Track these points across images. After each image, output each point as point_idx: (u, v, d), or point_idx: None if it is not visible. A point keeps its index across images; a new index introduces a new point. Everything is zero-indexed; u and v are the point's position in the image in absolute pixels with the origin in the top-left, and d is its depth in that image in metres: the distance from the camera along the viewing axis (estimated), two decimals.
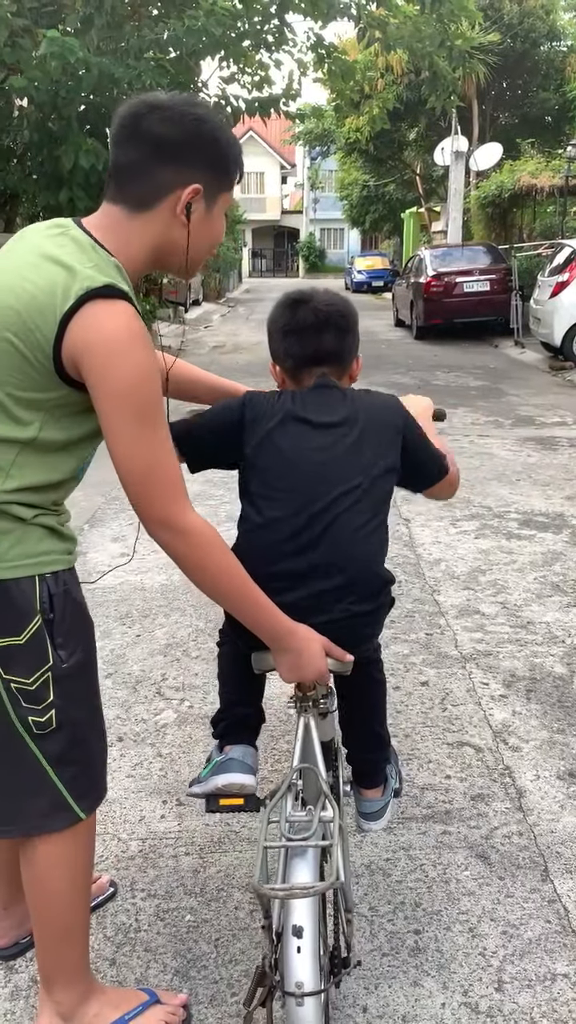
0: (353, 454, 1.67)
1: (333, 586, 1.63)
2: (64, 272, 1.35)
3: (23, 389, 1.38)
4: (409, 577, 4.12)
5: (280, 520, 1.65)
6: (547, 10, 21.48)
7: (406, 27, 11.93)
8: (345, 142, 25.59)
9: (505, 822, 2.35)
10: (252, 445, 1.69)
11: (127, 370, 1.34)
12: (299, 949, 1.35)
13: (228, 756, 1.78)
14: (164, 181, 1.43)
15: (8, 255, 1.44)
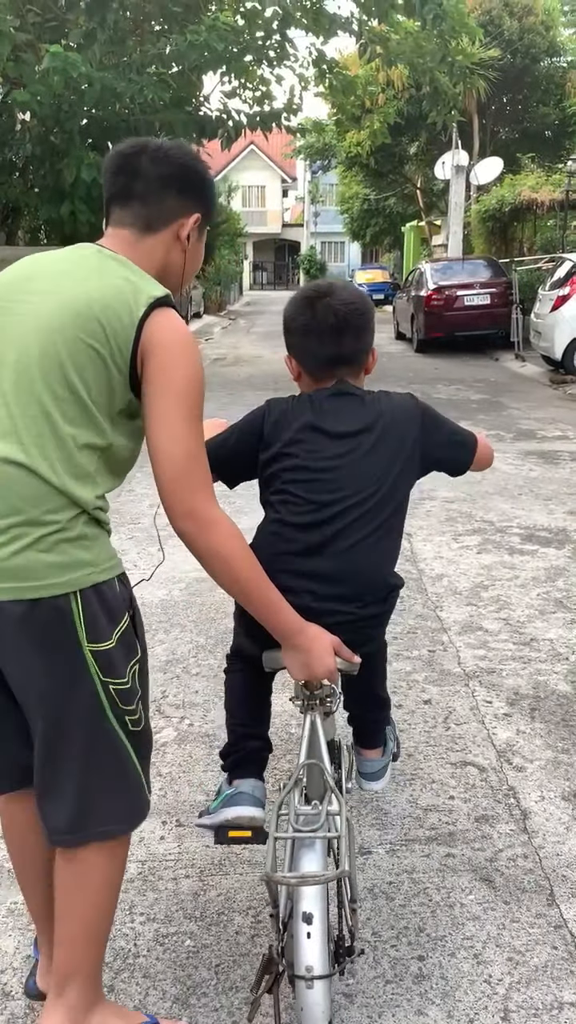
0: (368, 463, 1.75)
1: (340, 592, 1.72)
2: (128, 284, 1.50)
3: (102, 395, 1.47)
4: (411, 593, 4.09)
5: (293, 526, 1.74)
6: (547, 26, 21.60)
7: (407, 43, 12.01)
8: (346, 156, 25.69)
9: (510, 844, 2.32)
10: (272, 452, 1.78)
11: (188, 371, 1.50)
12: (309, 935, 1.43)
13: (238, 790, 1.85)
14: (170, 209, 1.62)
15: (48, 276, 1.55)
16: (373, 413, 1.80)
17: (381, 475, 1.75)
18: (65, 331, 1.45)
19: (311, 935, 1.43)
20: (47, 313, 1.47)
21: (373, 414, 1.80)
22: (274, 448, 1.79)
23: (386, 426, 1.79)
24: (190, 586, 4.17)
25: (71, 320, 1.45)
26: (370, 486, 1.74)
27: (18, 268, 1.60)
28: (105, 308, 1.46)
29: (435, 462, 1.92)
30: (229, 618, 3.76)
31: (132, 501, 5.67)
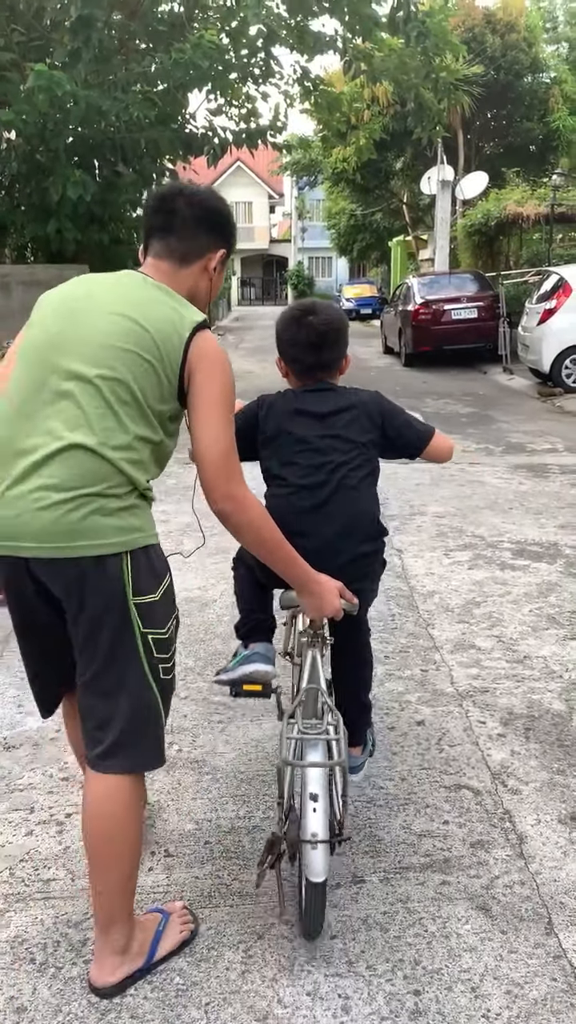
0: (348, 432, 2.26)
1: (341, 528, 2.18)
2: (173, 311, 1.84)
3: (156, 401, 1.80)
4: (403, 610, 4.05)
5: (301, 486, 2.20)
6: (529, 43, 21.80)
7: (391, 60, 12.08)
8: (332, 172, 25.81)
9: (506, 870, 2.27)
10: (269, 434, 2.27)
11: (225, 379, 1.85)
12: (315, 809, 1.87)
13: (253, 651, 2.32)
14: (201, 246, 1.97)
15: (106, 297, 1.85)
16: (349, 400, 2.32)
17: (358, 442, 2.26)
18: (128, 348, 1.77)
19: (316, 810, 1.87)
20: (111, 331, 1.78)
21: (349, 400, 2.32)
22: (270, 431, 2.28)
23: (359, 408, 2.31)
24: (179, 606, 4.10)
25: (133, 340, 1.77)
26: (352, 450, 2.25)
27: (74, 286, 1.92)
28: (159, 331, 1.79)
29: (393, 441, 2.36)
30: (218, 639, 3.74)
31: None
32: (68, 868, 2.30)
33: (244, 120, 12.75)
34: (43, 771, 2.76)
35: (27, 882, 2.25)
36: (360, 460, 2.26)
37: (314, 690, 2.07)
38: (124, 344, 1.77)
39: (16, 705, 3.19)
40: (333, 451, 2.23)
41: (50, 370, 1.77)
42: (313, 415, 2.27)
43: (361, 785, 2.64)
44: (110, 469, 1.74)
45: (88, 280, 1.93)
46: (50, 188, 10.30)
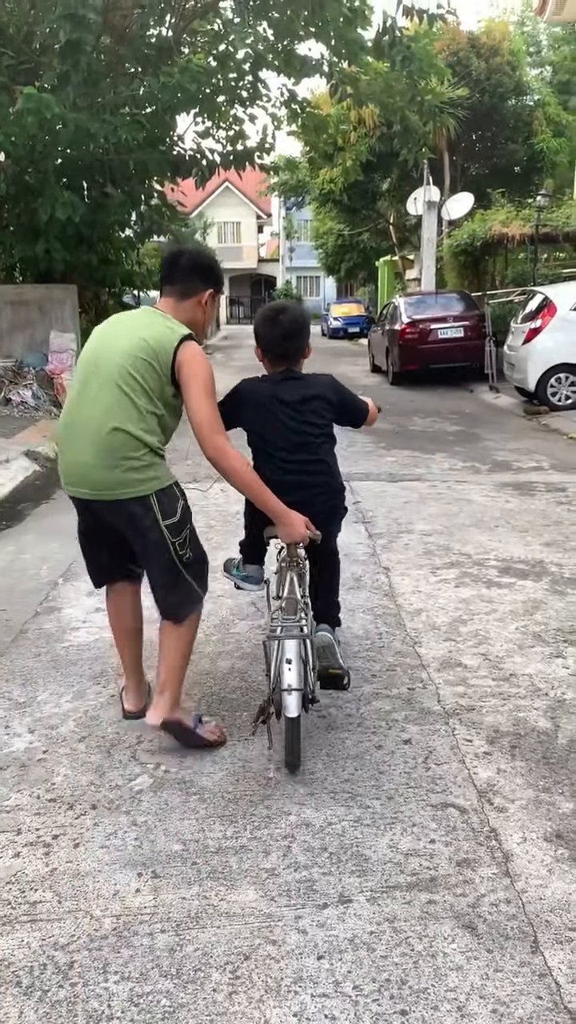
0: (312, 415, 3.10)
1: (315, 489, 3.07)
2: (168, 329, 2.79)
3: (155, 385, 2.74)
4: (390, 629, 4.06)
5: (277, 456, 3.05)
6: (513, 66, 22.14)
7: (377, 83, 12.23)
8: (319, 192, 26.06)
9: (492, 889, 2.28)
10: (253, 414, 3.09)
11: (203, 371, 2.77)
12: (290, 669, 2.65)
13: (247, 573, 3.57)
14: (197, 287, 2.93)
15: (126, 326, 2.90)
16: (313, 387, 3.15)
17: (322, 421, 3.13)
18: (135, 356, 2.73)
19: (291, 669, 2.66)
20: (126, 347, 2.76)
21: (313, 388, 3.15)
22: (252, 410, 3.09)
23: (321, 393, 3.14)
24: None
25: (139, 349, 2.73)
26: (321, 430, 3.12)
27: (110, 323, 2.97)
28: (157, 341, 2.75)
29: (345, 416, 3.29)
30: (206, 659, 3.75)
31: None
32: (55, 890, 2.29)
33: (232, 142, 12.89)
34: (30, 792, 2.76)
35: (13, 904, 2.24)
36: (323, 436, 3.14)
37: (292, 599, 2.87)
38: (135, 352, 2.74)
39: (3, 726, 3.19)
40: (305, 433, 3.08)
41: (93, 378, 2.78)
42: (286, 403, 3.08)
43: (348, 804, 2.65)
44: (133, 440, 2.71)
45: (117, 319, 3.00)
46: (39, 209, 10.36)
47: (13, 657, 3.81)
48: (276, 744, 2.86)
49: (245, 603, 4.40)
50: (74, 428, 2.79)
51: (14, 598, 4.58)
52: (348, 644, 3.87)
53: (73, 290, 11.91)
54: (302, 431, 3.06)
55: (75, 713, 3.28)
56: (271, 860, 2.40)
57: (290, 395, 3.07)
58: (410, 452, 8.83)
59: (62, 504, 6.68)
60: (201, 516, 5.86)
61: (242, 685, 3.49)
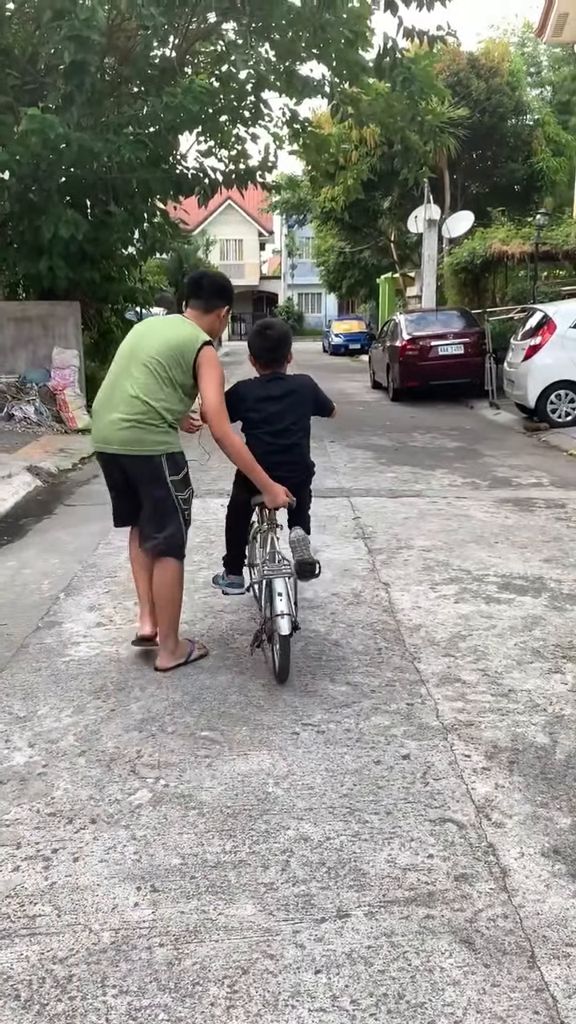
0: (294, 408, 3.89)
1: (292, 466, 3.89)
2: (193, 334, 3.60)
3: (179, 376, 3.56)
4: (389, 644, 4.08)
5: (268, 442, 3.81)
6: (513, 87, 22.35)
7: (378, 104, 12.35)
8: (321, 211, 26.23)
9: (490, 904, 2.28)
10: (248, 408, 3.85)
11: (216, 370, 3.57)
12: (280, 598, 3.45)
13: (231, 580, 4.25)
14: (216, 304, 3.78)
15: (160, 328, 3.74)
16: (294, 385, 3.95)
17: (301, 414, 3.94)
18: (165, 351, 3.56)
19: (281, 598, 3.47)
20: (158, 344, 3.59)
21: (294, 386, 3.95)
22: (248, 404, 3.85)
23: (300, 391, 3.96)
24: None
25: (169, 347, 3.56)
26: (299, 420, 3.92)
27: (145, 324, 3.84)
28: (184, 341, 3.58)
29: (317, 408, 4.06)
30: (206, 673, 3.77)
31: (109, 555, 5.64)
32: (54, 904, 2.30)
33: (234, 161, 13.00)
34: (30, 806, 2.77)
35: (12, 918, 2.25)
36: (301, 425, 3.94)
37: (275, 551, 3.74)
38: (165, 348, 3.58)
39: (3, 740, 3.20)
40: (283, 417, 3.87)
41: (129, 362, 3.63)
42: (274, 398, 3.88)
43: (347, 819, 2.66)
44: (153, 410, 3.54)
45: (151, 321, 3.94)
46: (42, 227, 10.45)
47: (14, 671, 3.83)
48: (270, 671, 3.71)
49: (245, 618, 4.42)
50: (111, 395, 3.65)
51: (15, 612, 4.60)
52: (347, 659, 3.89)
53: (76, 307, 11.99)
54: (283, 421, 3.86)
55: (75, 727, 3.30)
56: (269, 874, 2.41)
57: (276, 392, 3.90)
58: (410, 468, 8.87)
59: (64, 519, 6.71)
60: (202, 531, 5.89)
61: (242, 699, 3.50)
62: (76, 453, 9.68)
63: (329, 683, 3.65)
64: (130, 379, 3.57)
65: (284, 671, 3.59)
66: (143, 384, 3.53)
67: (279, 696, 3.53)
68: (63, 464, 9.02)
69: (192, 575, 4.88)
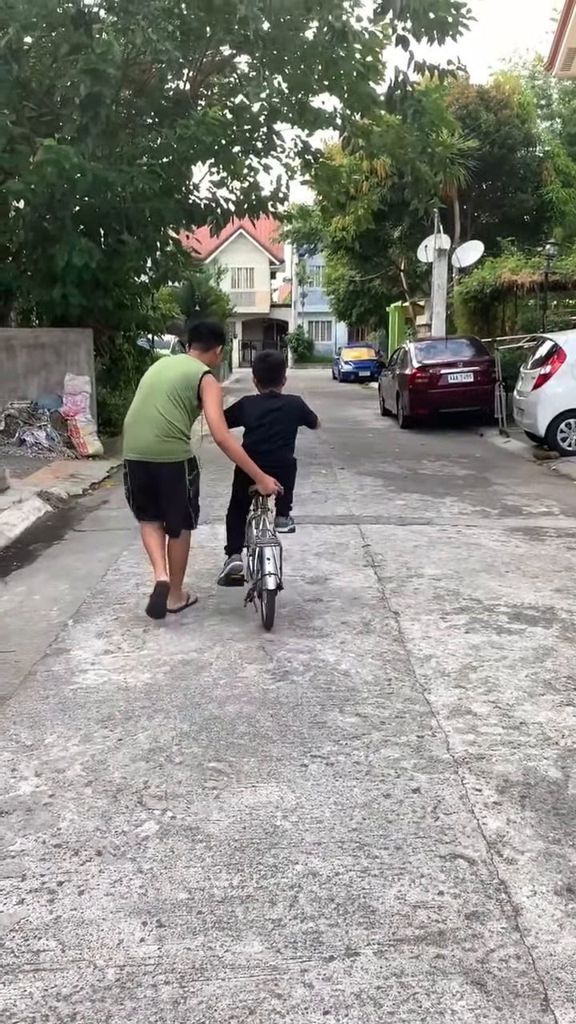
0: (284, 419, 4.91)
1: (280, 462, 4.87)
2: (197, 367, 4.79)
3: (188, 399, 4.70)
4: (399, 675, 4.04)
5: (261, 443, 4.80)
6: (522, 119, 22.58)
7: (389, 135, 12.48)
8: (332, 240, 26.46)
9: (502, 943, 2.24)
10: (250, 419, 4.87)
11: (216, 392, 4.76)
12: (268, 562, 4.48)
13: (234, 560, 4.96)
14: (212, 344, 4.99)
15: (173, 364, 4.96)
16: (284, 402, 4.94)
17: (289, 423, 4.94)
18: (178, 382, 4.71)
19: (269, 561, 4.46)
20: (174, 376, 4.75)
21: (285, 402, 4.94)
22: (250, 419, 4.86)
23: (290, 407, 4.95)
24: (175, 669, 4.12)
25: (181, 378, 4.71)
26: (288, 427, 4.93)
27: (162, 362, 5.11)
28: (191, 374, 4.72)
29: (304, 421, 4.99)
30: (214, 703, 3.74)
31: (118, 581, 5.64)
32: (59, 939, 2.27)
33: (246, 191, 13.14)
34: (36, 837, 2.74)
35: (16, 953, 2.22)
36: (288, 432, 4.98)
37: (265, 529, 4.70)
38: (177, 380, 4.70)
39: (10, 769, 3.18)
40: (276, 427, 4.90)
41: (153, 392, 4.72)
42: (269, 411, 4.90)
43: (356, 854, 2.62)
44: (175, 427, 4.64)
45: (166, 360, 5.19)
46: (56, 255, 10.57)
47: (21, 699, 3.81)
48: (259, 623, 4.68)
49: (254, 646, 4.40)
50: (140, 418, 4.76)
51: (24, 639, 4.59)
52: (356, 689, 3.86)
53: (89, 334, 12.09)
54: (273, 428, 4.91)
55: (82, 757, 3.27)
56: (277, 910, 2.37)
57: (270, 406, 4.95)
58: (420, 496, 8.85)
59: (73, 545, 6.72)
60: (211, 558, 5.88)
61: (250, 731, 3.47)
62: (87, 479, 9.71)
63: (338, 714, 3.62)
64: (156, 404, 4.70)
65: (270, 620, 4.63)
66: (168, 409, 4.68)
67: (287, 727, 3.50)
68: (73, 489, 9.05)
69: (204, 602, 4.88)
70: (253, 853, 2.63)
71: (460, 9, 10.47)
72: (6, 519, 7.26)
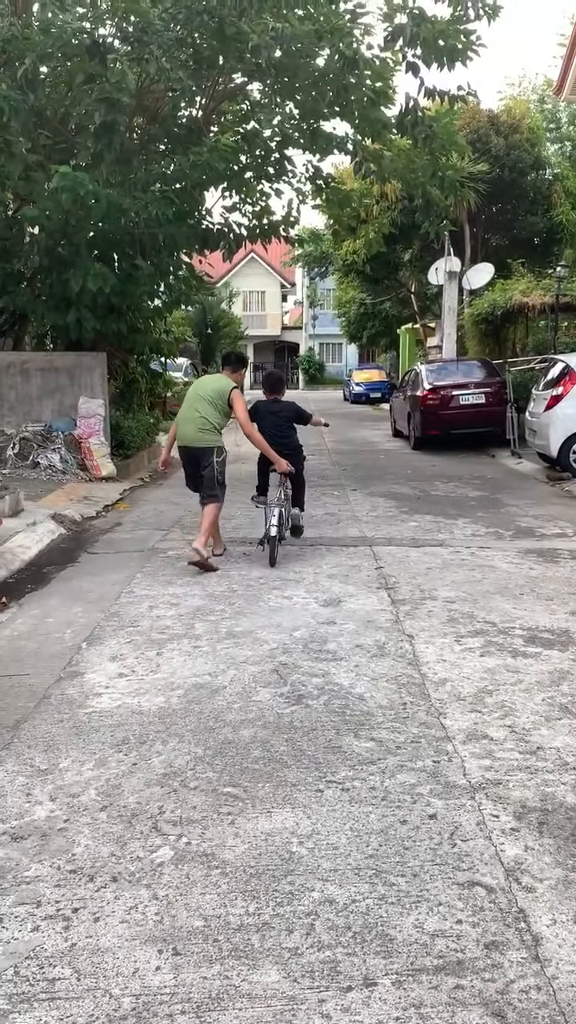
0: (286, 417, 7.30)
1: (285, 445, 7.12)
2: (227, 383, 6.95)
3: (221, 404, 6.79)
4: (415, 699, 4.02)
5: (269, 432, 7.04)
6: (532, 143, 22.72)
7: (400, 160, 12.57)
8: (342, 263, 26.60)
9: (522, 974, 2.21)
10: (261, 414, 7.18)
11: (242, 402, 6.86)
12: (273, 516, 6.73)
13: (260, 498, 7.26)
14: (240, 367, 7.30)
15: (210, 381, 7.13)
16: (284, 405, 7.35)
17: (288, 419, 7.29)
18: (214, 393, 6.82)
19: (274, 516, 6.71)
20: (210, 389, 6.90)
21: (284, 405, 7.34)
22: (261, 414, 7.17)
23: (287, 407, 7.34)
24: (188, 692, 4.11)
25: (215, 391, 6.84)
26: (288, 422, 7.29)
27: (201, 380, 7.39)
28: (224, 387, 6.87)
29: (298, 419, 7.32)
30: (229, 727, 3.73)
31: (132, 603, 5.65)
32: (74, 967, 2.25)
33: (258, 216, 13.25)
34: (51, 863, 2.73)
35: (32, 981, 2.20)
36: (288, 425, 7.22)
37: (277, 497, 6.84)
38: (213, 391, 6.83)
39: (25, 793, 3.17)
40: (279, 420, 7.14)
41: (196, 399, 6.81)
42: (274, 412, 7.18)
43: (372, 881, 2.60)
44: (210, 423, 6.73)
45: (205, 377, 7.50)
46: (71, 280, 10.66)
47: (36, 723, 3.81)
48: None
49: (268, 669, 4.39)
50: (185, 419, 6.79)
51: (38, 662, 4.59)
52: (372, 714, 3.84)
53: (103, 357, 12.17)
54: (279, 422, 7.15)
55: (96, 781, 3.26)
56: (294, 939, 2.35)
57: (275, 408, 7.23)
58: (432, 517, 8.84)
59: (87, 567, 6.74)
60: (224, 580, 5.87)
61: (265, 755, 3.45)
62: (100, 501, 9.75)
63: (353, 739, 3.60)
64: (197, 408, 6.75)
65: (272, 559, 6.68)
66: (206, 410, 6.73)
67: (302, 752, 3.48)
68: (87, 512, 9.08)
69: (217, 624, 4.86)
70: (269, 880, 2.61)
71: (469, 36, 10.57)
72: (20, 541, 7.29)
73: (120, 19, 9.84)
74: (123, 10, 9.42)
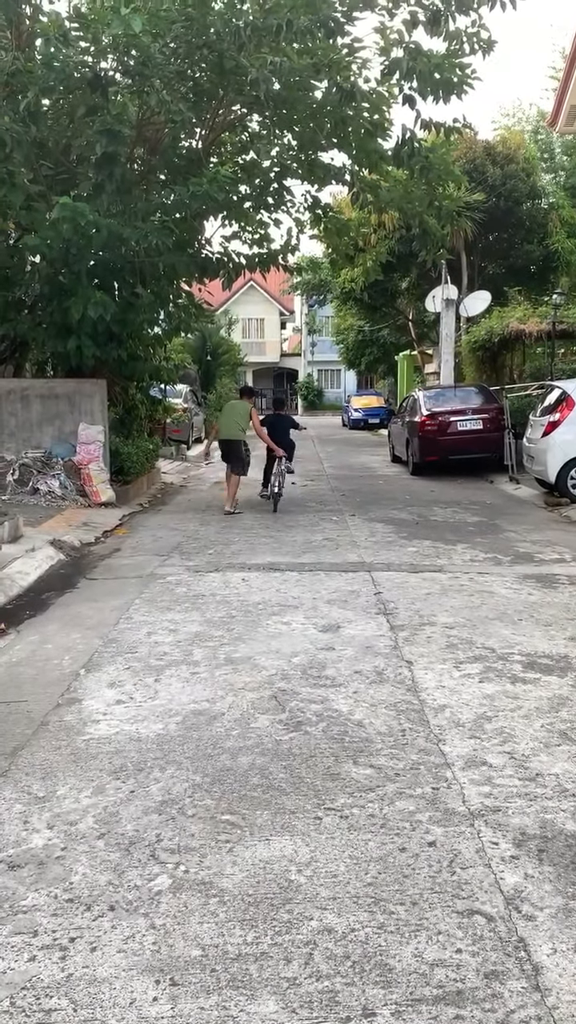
0: (284, 423, 12.45)
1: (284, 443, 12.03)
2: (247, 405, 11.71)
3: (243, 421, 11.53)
4: (413, 725, 4.01)
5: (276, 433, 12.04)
6: (527, 172, 23.02)
7: (397, 190, 12.74)
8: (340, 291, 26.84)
9: (522, 1004, 2.19)
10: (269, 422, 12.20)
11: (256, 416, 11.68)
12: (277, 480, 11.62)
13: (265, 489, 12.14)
14: (252, 396, 12.31)
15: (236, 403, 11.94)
16: (285, 416, 12.71)
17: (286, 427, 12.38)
18: (239, 411, 11.58)
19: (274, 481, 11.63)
20: (237, 408, 11.66)
21: (285, 416, 12.71)
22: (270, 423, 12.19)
23: (287, 418, 12.72)
24: (187, 719, 4.10)
25: (241, 412, 11.54)
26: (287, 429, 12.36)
27: (231, 403, 12.18)
28: (245, 408, 11.59)
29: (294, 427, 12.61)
30: (227, 754, 3.72)
31: (130, 629, 5.64)
32: (71, 997, 2.23)
33: (257, 245, 13.40)
34: (48, 892, 2.71)
35: (28, 1012, 2.18)
36: (286, 431, 12.25)
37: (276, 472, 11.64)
38: (239, 410, 11.58)
39: (22, 821, 3.16)
40: (282, 426, 12.25)
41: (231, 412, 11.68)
42: (279, 421, 12.36)
43: (371, 909, 2.58)
44: (240, 426, 11.48)
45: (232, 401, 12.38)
46: (71, 308, 10.76)
47: (34, 750, 3.79)
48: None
49: (266, 696, 4.38)
50: (225, 424, 11.49)
51: (36, 689, 4.58)
52: (370, 740, 3.83)
53: (103, 384, 12.25)
54: (281, 427, 12.09)
55: (94, 808, 3.25)
56: (292, 968, 2.33)
57: (281, 421, 12.27)
58: (431, 542, 8.85)
59: (86, 593, 6.74)
60: (223, 606, 5.88)
61: (263, 783, 3.44)
62: (99, 527, 9.77)
63: (352, 765, 3.59)
64: (232, 417, 11.35)
65: (275, 506, 11.22)
66: (237, 419, 11.26)
67: (301, 779, 3.46)
68: (86, 537, 9.09)
69: (215, 650, 4.85)
70: (267, 908, 2.60)
71: (465, 70, 10.74)
72: (19, 567, 7.29)
73: (122, 53, 10.00)
74: (125, 44, 9.58)
